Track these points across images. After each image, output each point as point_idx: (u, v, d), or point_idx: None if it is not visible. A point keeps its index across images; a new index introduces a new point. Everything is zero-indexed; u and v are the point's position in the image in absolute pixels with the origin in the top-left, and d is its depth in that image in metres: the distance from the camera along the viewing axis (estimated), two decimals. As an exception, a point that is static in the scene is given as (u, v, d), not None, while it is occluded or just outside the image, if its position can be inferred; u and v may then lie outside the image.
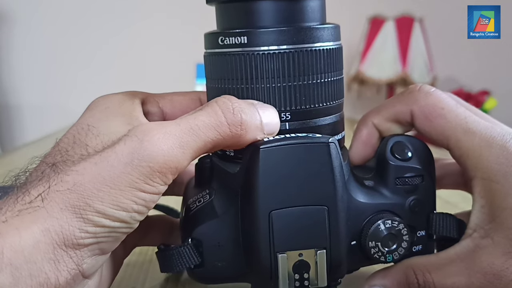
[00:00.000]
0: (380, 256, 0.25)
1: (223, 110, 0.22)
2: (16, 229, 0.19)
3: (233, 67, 0.25)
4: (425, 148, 0.27)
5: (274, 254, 0.23)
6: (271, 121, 0.24)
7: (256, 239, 0.23)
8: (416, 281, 0.25)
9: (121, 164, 0.20)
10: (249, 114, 0.23)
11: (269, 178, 0.23)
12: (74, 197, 0.20)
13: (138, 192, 0.21)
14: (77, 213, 0.20)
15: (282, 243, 0.23)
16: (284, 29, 0.24)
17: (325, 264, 0.23)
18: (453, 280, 0.25)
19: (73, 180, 0.20)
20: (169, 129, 0.21)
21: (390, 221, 0.25)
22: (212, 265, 0.25)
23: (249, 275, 0.25)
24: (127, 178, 0.20)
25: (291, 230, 0.23)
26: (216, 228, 0.25)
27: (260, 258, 0.23)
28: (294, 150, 0.23)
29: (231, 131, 0.22)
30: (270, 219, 0.23)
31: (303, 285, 0.24)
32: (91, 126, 0.24)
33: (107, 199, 0.20)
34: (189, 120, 0.22)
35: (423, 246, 0.27)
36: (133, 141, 0.21)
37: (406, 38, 1.68)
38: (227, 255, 0.25)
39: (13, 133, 1.88)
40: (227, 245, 0.25)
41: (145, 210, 0.21)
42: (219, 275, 0.25)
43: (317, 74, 0.25)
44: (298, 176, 0.23)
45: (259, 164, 0.23)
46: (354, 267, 0.27)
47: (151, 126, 0.22)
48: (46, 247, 0.19)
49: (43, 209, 0.20)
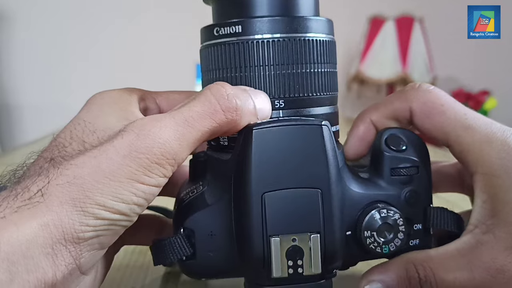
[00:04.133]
0: (376, 247, 0.25)
1: (217, 97, 0.23)
2: (14, 224, 0.19)
3: (228, 56, 0.25)
4: (420, 141, 0.27)
5: (267, 238, 0.23)
6: (264, 106, 0.24)
7: (248, 222, 0.23)
8: (417, 275, 0.25)
9: (119, 156, 0.21)
10: (243, 100, 0.23)
11: (262, 160, 0.23)
12: (74, 190, 0.20)
13: (137, 184, 0.21)
14: (77, 206, 0.20)
15: (275, 226, 0.23)
16: (277, 18, 0.25)
17: (319, 249, 0.23)
18: (455, 274, 0.24)
19: (73, 173, 0.20)
20: (165, 123, 0.22)
21: (385, 210, 0.25)
22: (204, 256, 0.25)
23: (242, 268, 0.25)
24: (126, 170, 0.20)
25: (284, 212, 0.23)
26: (208, 217, 0.25)
27: (252, 243, 0.23)
28: (287, 132, 0.23)
29: (227, 118, 0.23)
30: (262, 201, 0.23)
31: (297, 272, 0.23)
32: (87, 122, 0.24)
33: (106, 191, 0.20)
34: (184, 112, 0.22)
35: (421, 241, 0.27)
36: (130, 135, 0.21)
37: (406, 38, 1.68)
38: (220, 245, 0.24)
39: (13, 133, 1.88)
40: (220, 234, 0.24)
41: (144, 202, 0.21)
42: (212, 268, 0.25)
43: (310, 63, 0.25)
44: (291, 158, 0.23)
45: (252, 145, 0.23)
46: (350, 261, 0.27)
47: (147, 120, 0.22)
48: (45, 241, 0.19)
49: (42, 204, 0.20)
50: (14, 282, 0.18)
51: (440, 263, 0.25)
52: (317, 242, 0.23)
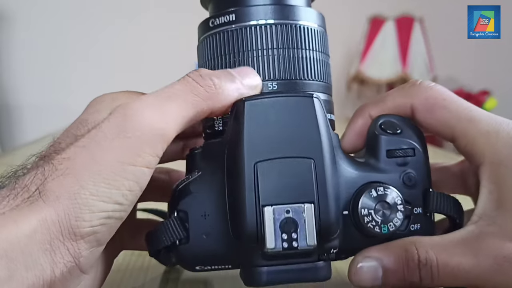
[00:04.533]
0: (374, 226, 0.24)
1: (193, 77, 0.23)
2: (14, 221, 0.19)
3: (223, 43, 0.26)
4: (415, 126, 0.27)
5: (260, 208, 0.23)
6: (250, 78, 0.25)
7: (241, 193, 0.23)
8: (417, 257, 0.24)
9: (107, 140, 0.20)
10: (222, 77, 0.24)
11: (254, 130, 0.23)
12: (68, 182, 0.20)
13: (128, 166, 0.21)
14: (72, 199, 0.20)
15: (268, 196, 0.23)
16: (270, 6, 0.26)
17: (313, 219, 0.23)
18: (459, 259, 0.24)
19: (65, 166, 0.20)
20: (149, 101, 0.22)
21: (382, 188, 0.25)
22: (198, 238, 0.24)
23: (236, 252, 0.24)
24: (116, 152, 0.20)
25: (277, 182, 0.23)
26: (202, 198, 0.25)
27: (245, 214, 0.23)
28: (279, 103, 0.24)
29: (207, 92, 0.23)
30: (255, 170, 0.23)
31: (292, 246, 0.23)
32: (83, 119, 0.24)
33: (98, 178, 0.20)
34: (165, 89, 0.23)
35: (422, 226, 0.26)
36: (116, 117, 0.21)
37: (406, 38, 1.68)
38: (213, 226, 0.24)
39: (13, 133, 1.88)
40: (213, 215, 0.24)
41: (136, 187, 0.21)
42: (205, 252, 0.25)
43: (302, 49, 0.26)
44: (284, 128, 0.23)
45: (244, 116, 0.23)
46: (350, 248, 0.26)
47: (131, 101, 0.22)
48: (43, 237, 0.19)
49: (40, 200, 0.20)
50: (13, 279, 0.18)
51: (444, 248, 0.24)
52: (311, 212, 0.23)
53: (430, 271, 0.24)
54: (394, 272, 0.24)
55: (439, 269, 0.24)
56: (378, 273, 0.25)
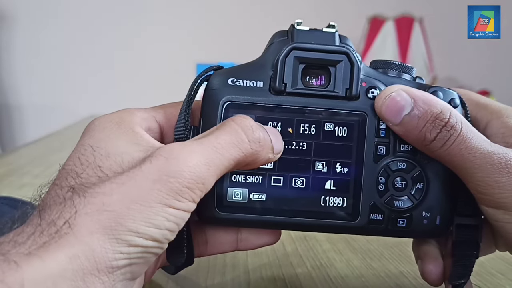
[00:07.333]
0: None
1: (243, 128, 0.23)
2: (39, 258, 0.18)
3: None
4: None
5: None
6: (278, 141, 0.25)
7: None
8: (448, 119, 0.24)
9: (149, 181, 0.20)
10: (263, 133, 0.24)
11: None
12: (104, 218, 0.19)
13: (168, 209, 0.21)
14: (109, 234, 0.19)
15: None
16: None
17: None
18: (480, 143, 0.24)
19: (101, 201, 0.20)
20: (193, 148, 0.22)
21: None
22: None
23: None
24: (156, 194, 0.20)
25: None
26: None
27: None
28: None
29: (252, 148, 0.23)
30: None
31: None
32: (94, 146, 0.23)
33: (138, 216, 0.20)
34: (211, 139, 0.23)
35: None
36: (159, 160, 0.21)
37: (406, 38, 1.68)
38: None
39: (13, 133, 1.88)
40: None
41: (175, 228, 0.21)
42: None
43: None
44: None
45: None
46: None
47: (175, 145, 0.22)
48: (74, 274, 0.18)
49: (70, 235, 0.19)
50: None
51: (473, 130, 0.25)
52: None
53: (448, 137, 0.24)
54: (417, 118, 0.25)
55: (456, 141, 0.24)
56: (406, 110, 0.25)
